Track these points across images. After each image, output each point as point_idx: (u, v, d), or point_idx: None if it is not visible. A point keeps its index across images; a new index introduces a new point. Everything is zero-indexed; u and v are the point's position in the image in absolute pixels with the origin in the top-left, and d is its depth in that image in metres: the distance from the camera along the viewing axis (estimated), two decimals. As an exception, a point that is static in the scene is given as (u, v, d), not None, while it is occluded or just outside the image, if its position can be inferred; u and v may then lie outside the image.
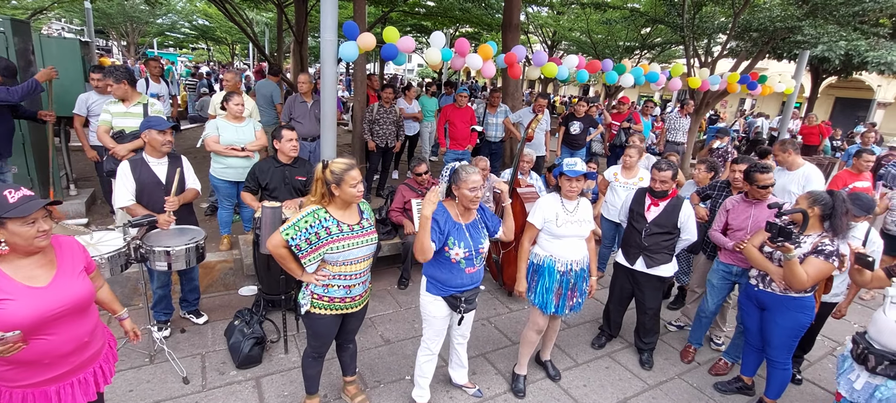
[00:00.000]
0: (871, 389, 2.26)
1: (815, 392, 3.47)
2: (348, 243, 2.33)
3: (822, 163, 9.14)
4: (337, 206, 2.34)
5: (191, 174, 3.33)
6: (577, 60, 5.40)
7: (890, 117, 22.58)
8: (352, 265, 2.38)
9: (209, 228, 4.62)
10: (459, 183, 2.46)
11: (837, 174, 5.13)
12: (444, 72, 20.35)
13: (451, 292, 2.57)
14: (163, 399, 2.84)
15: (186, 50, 34.42)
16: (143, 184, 3.06)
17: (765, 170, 3.15)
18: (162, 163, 3.15)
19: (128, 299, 3.86)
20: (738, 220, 3.29)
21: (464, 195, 2.46)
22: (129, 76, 3.86)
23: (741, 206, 3.31)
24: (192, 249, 2.94)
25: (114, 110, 3.86)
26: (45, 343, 1.66)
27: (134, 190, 3.03)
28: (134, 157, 3.16)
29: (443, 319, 2.68)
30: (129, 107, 3.90)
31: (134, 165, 3.07)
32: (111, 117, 3.84)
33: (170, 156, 3.21)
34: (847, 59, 10.96)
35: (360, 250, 2.37)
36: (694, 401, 3.27)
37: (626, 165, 4.39)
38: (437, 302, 2.62)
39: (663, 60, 16.27)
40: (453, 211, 2.56)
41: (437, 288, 2.60)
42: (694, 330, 3.75)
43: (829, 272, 2.64)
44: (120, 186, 3.04)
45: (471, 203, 2.48)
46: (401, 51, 4.25)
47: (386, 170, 6.46)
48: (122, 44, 23.22)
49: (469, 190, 2.44)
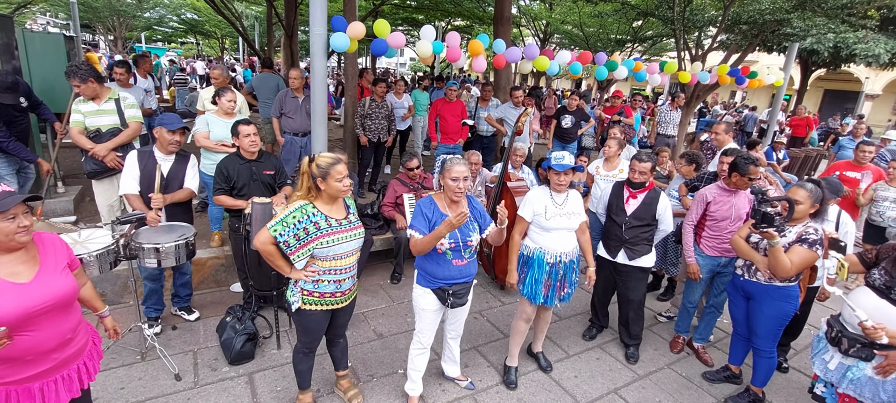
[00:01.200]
0: (844, 369, 2.35)
1: (801, 380, 3.54)
2: (337, 237, 2.34)
3: (810, 154, 9.25)
4: (324, 201, 2.34)
5: (193, 173, 3.36)
6: (569, 56, 5.41)
7: (878, 109, 22.89)
8: (341, 259, 2.39)
9: (200, 224, 4.60)
10: (444, 172, 2.51)
11: (835, 164, 5.19)
12: (436, 65, 20.27)
13: (439, 284, 2.59)
14: (154, 397, 2.84)
15: (175, 44, 34.03)
16: (145, 176, 3.17)
17: (755, 163, 3.20)
18: (169, 159, 3.25)
19: (118, 296, 3.83)
20: (721, 210, 3.33)
21: (447, 184, 2.48)
22: (95, 73, 3.73)
23: (723, 196, 3.35)
24: (181, 246, 2.93)
25: (85, 109, 3.73)
26: (27, 340, 1.66)
27: (137, 178, 3.15)
28: (144, 148, 3.28)
29: (433, 312, 2.69)
30: (101, 104, 3.82)
31: (142, 156, 3.22)
32: (83, 117, 3.72)
33: (178, 155, 3.28)
34: (835, 52, 11.09)
35: (348, 244, 2.39)
36: (683, 391, 3.32)
37: (606, 156, 4.32)
38: (427, 294, 2.64)
39: (655, 53, 16.33)
40: (441, 202, 2.58)
41: (426, 281, 2.62)
42: (680, 319, 3.81)
43: (813, 260, 2.68)
44: (126, 173, 3.19)
45: (454, 193, 2.48)
46: (391, 46, 4.24)
47: (378, 165, 6.45)
48: (108, 38, 22.89)
49: (452, 179, 2.46)
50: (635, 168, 3.29)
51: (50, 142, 5.15)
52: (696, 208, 3.43)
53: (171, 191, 3.25)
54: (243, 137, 3.34)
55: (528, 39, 18.36)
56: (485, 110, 6.64)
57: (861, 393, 2.30)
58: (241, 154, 3.41)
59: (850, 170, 4.85)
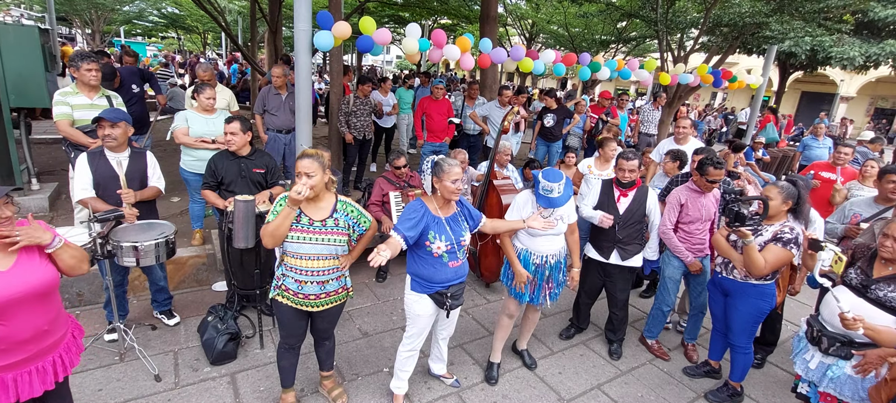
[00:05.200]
0: (824, 368, 2.42)
1: (777, 374, 3.63)
2: (302, 236, 2.32)
3: (788, 154, 9.48)
4: (310, 200, 2.34)
5: (156, 171, 3.23)
6: (554, 55, 5.45)
7: (852, 111, 23.55)
8: (303, 260, 2.35)
9: (181, 223, 4.52)
10: (442, 175, 2.42)
11: (813, 165, 5.32)
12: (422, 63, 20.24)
13: (436, 289, 2.54)
14: (134, 398, 2.78)
15: (155, 39, 33.27)
16: (100, 177, 2.98)
17: (718, 166, 3.23)
18: (122, 157, 3.06)
19: (96, 296, 3.74)
20: (693, 211, 3.35)
21: (446, 187, 2.42)
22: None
23: (693, 197, 3.37)
24: (161, 244, 2.86)
25: (74, 102, 3.64)
26: (2, 330, 1.63)
27: (91, 182, 2.95)
28: (93, 149, 3.05)
29: (428, 317, 2.65)
30: (94, 99, 3.74)
31: (92, 158, 2.99)
32: (71, 110, 3.63)
33: (133, 151, 3.10)
34: (812, 54, 11.40)
35: (312, 246, 2.34)
36: (664, 386, 3.38)
37: (606, 158, 4.35)
38: (423, 299, 2.58)
39: (638, 54, 16.55)
40: (432, 205, 2.51)
41: (421, 286, 2.56)
42: (652, 324, 3.73)
43: (788, 259, 2.75)
44: (77, 178, 2.96)
45: (452, 194, 2.44)
46: (377, 43, 4.21)
47: (363, 163, 6.42)
48: (86, 32, 22.23)
49: (451, 182, 2.40)
50: (624, 167, 3.28)
51: (24, 136, 4.99)
52: (673, 210, 3.42)
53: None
54: (229, 135, 3.29)
55: (514, 39, 18.44)
56: (471, 108, 6.65)
57: (841, 392, 2.36)
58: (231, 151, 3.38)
59: (826, 170, 4.98)
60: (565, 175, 2.82)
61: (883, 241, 2.29)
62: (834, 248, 2.36)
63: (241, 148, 3.35)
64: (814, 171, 5.01)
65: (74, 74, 3.75)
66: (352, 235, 2.49)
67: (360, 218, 2.49)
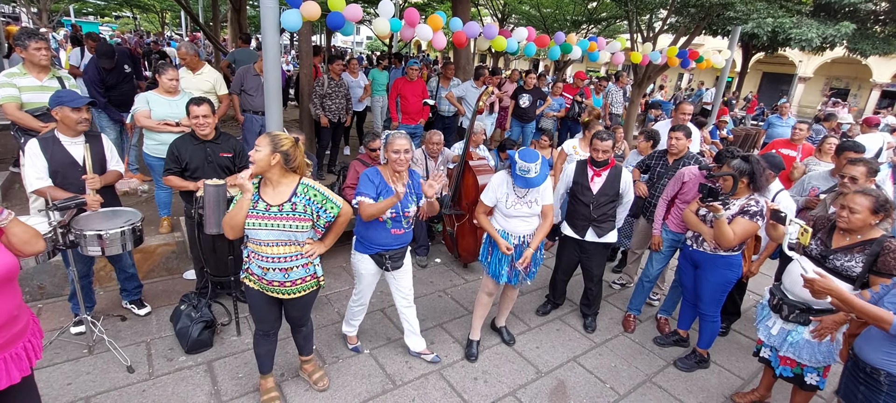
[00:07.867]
0: (785, 334, 2.58)
1: (740, 341, 3.83)
2: (258, 222, 2.24)
3: (750, 132, 9.85)
4: (266, 181, 2.29)
5: (113, 155, 3.07)
6: (526, 33, 5.44)
7: (809, 90, 24.59)
8: (262, 246, 2.28)
9: (148, 210, 4.35)
10: (386, 146, 2.66)
11: (773, 142, 5.55)
12: (393, 44, 19.88)
13: (376, 250, 2.78)
14: (106, 390, 2.69)
15: (109, 18, 31.44)
16: (57, 165, 2.78)
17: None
18: (77, 142, 2.86)
19: (58, 289, 3.58)
20: (692, 192, 3.36)
21: (390, 157, 2.64)
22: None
23: (697, 181, 3.32)
24: (127, 232, 2.75)
25: (22, 84, 3.42)
26: None
27: (46, 170, 2.76)
28: (44, 135, 2.84)
29: (371, 275, 2.92)
30: (44, 80, 3.51)
31: (45, 144, 2.78)
32: (18, 92, 3.40)
33: (88, 135, 2.91)
34: (773, 36, 11.76)
35: (268, 232, 2.25)
36: (636, 355, 3.52)
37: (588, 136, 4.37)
38: (365, 259, 2.84)
39: (609, 35, 16.72)
40: (386, 174, 2.73)
41: (363, 247, 2.81)
42: (635, 296, 3.88)
43: (755, 230, 2.89)
44: (29, 167, 2.74)
45: (397, 164, 2.64)
46: (347, 19, 4.10)
47: (336, 146, 6.31)
48: (31, 11, 20.76)
49: (394, 151, 2.62)
50: (598, 147, 3.33)
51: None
52: (673, 185, 3.53)
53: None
54: (192, 119, 3.12)
55: (487, 19, 18.30)
56: (446, 89, 6.60)
57: (799, 355, 2.54)
58: (195, 134, 3.19)
59: (786, 147, 5.22)
60: (541, 155, 2.84)
61: (840, 212, 2.42)
62: (799, 222, 2.49)
63: (203, 132, 3.17)
64: (776, 150, 5.24)
65: (22, 54, 3.52)
66: (317, 221, 2.36)
67: (325, 203, 2.35)
